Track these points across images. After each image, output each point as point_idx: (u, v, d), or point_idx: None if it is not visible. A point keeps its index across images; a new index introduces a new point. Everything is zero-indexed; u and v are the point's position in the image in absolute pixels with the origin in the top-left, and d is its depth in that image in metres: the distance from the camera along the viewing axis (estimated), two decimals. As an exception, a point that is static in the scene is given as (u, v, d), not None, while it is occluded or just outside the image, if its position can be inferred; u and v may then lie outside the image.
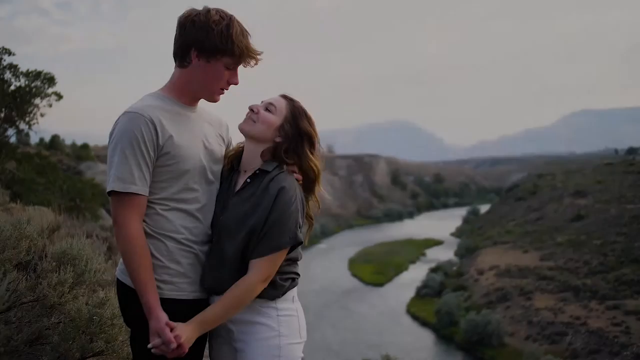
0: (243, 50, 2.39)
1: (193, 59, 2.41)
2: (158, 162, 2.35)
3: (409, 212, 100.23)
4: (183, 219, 2.41)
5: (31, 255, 3.79)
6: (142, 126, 2.29)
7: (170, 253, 2.38)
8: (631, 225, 41.15)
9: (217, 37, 2.35)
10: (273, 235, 2.32)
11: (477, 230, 61.86)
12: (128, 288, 2.38)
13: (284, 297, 2.47)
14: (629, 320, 27.22)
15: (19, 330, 3.28)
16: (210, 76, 2.42)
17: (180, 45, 2.43)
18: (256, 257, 2.33)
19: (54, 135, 44.89)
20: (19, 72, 15.38)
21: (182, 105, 2.49)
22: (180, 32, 2.42)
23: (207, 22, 2.36)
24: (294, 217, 2.36)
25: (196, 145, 2.46)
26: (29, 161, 17.18)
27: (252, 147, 2.50)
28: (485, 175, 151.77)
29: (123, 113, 2.34)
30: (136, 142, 2.28)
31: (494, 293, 34.92)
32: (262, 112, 2.47)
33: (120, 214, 2.28)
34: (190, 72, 2.44)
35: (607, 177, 61.32)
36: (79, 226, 7.54)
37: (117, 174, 2.27)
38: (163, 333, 2.19)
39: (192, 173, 2.42)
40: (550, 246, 42.50)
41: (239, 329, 2.45)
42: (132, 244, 2.26)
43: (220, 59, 2.39)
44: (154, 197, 2.36)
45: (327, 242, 69.19)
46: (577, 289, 32.38)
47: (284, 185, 2.36)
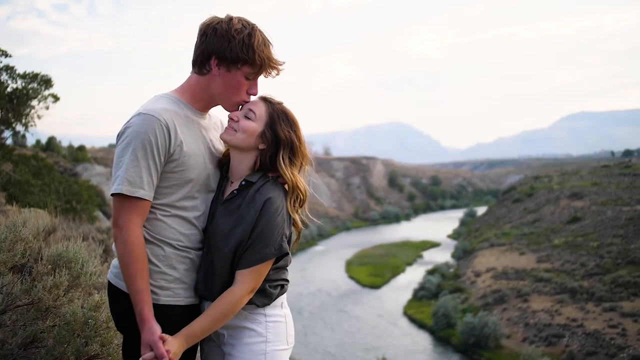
0: (264, 60, 2.37)
1: (213, 68, 2.38)
2: (166, 167, 2.32)
3: (405, 214, 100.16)
4: (181, 225, 2.39)
5: (26, 258, 3.77)
6: (157, 129, 2.25)
7: (167, 259, 2.36)
8: (627, 227, 41.18)
9: (239, 46, 2.32)
10: (258, 246, 2.32)
11: (473, 232, 61.81)
12: (121, 292, 2.36)
13: (273, 303, 2.47)
14: (626, 322, 27.23)
15: (13, 334, 3.27)
16: (230, 85, 2.39)
17: (200, 53, 2.39)
18: (241, 268, 2.33)
19: (50, 137, 44.80)
20: (15, 74, 15.34)
21: (195, 111, 2.46)
22: (202, 39, 2.39)
23: (229, 30, 2.33)
24: (279, 228, 2.34)
25: (203, 154, 2.44)
26: (25, 163, 17.13)
27: (237, 156, 2.47)
28: (482, 177, 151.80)
29: (137, 113, 2.30)
30: (149, 145, 2.24)
31: (491, 295, 34.90)
32: (242, 120, 2.43)
33: (123, 216, 2.24)
34: (208, 80, 2.41)
35: (603, 179, 61.46)
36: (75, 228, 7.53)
37: (126, 175, 2.23)
38: (156, 346, 2.17)
39: (196, 181, 2.41)
40: (546, 248, 42.52)
41: (229, 333, 2.46)
42: (132, 250, 2.23)
43: (240, 68, 2.36)
44: (156, 203, 2.34)
45: (324, 243, 69.10)
46: (573, 291, 32.38)
47: (270, 196, 2.35)
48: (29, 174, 16.29)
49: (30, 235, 3.86)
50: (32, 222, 4.39)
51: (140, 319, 2.23)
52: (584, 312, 29.49)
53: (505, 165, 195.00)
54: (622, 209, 46.35)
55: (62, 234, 5.37)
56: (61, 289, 3.44)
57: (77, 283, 3.62)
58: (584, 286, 32.73)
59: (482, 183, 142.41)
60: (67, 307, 3.38)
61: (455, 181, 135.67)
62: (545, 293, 33.32)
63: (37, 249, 3.99)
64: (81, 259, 3.73)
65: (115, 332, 3.28)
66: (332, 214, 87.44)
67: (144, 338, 2.20)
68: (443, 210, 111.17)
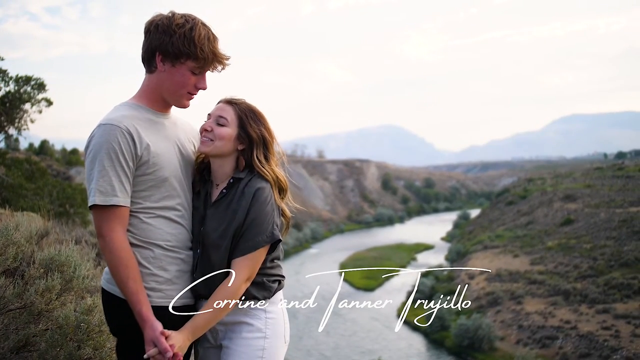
0: (208, 54, 2.37)
1: (158, 64, 2.39)
2: (138, 171, 2.34)
3: (399, 216, 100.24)
4: (167, 225, 2.41)
5: (19, 261, 3.76)
6: (119, 137, 2.27)
7: (157, 260, 2.38)
8: (621, 229, 41.33)
9: (180, 40, 2.33)
10: (251, 234, 2.37)
11: (467, 235, 61.94)
12: (114, 297, 2.38)
13: (272, 300, 2.52)
14: (619, 324, 27.31)
15: (5, 338, 3.25)
16: (176, 80, 2.40)
17: (145, 50, 2.41)
18: (236, 257, 2.38)
19: (43, 140, 44.61)
20: (8, 78, 15.28)
21: (155, 112, 2.48)
22: (146, 37, 2.41)
23: (170, 25, 2.34)
24: (270, 216, 2.41)
25: (173, 152, 2.46)
26: (18, 166, 17.05)
27: (219, 162, 2.51)
28: (476, 180, 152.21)
29: (98, 125, 2.32)
30: (114, 154, 2.26)
31: (485, 297, 34.97)
32: (216, 128, 2.46)
33: (104, 226, 2.26)
34: (157, 77, 2.43)
35: (596, 182, 61.72)
36: (68, 232, 7.51)
37: (97, 187, 2.24)
38: (159, 342, 2.20)
39: (172, 179, 2.43)
40: (540, 250, 42.61)
41: (228, 328, 2.50)
42: (119, 256, 2.25)
43: (184, 62, 2.37)
44: (138, 207, 2.36)
45: (317, 246, 69.09)
46: (567, 293, 32.47)
47: (260, 186, 2.41)
48: (22, 177, 16.21)
49: (23, 239, 3.86)
50: (25, 226, 4.38)
51: (140, 318, 2.25)
52: (578, 314, 29.56)
53: (499, 168, 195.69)
54: (615, 211, 46.52)
55: (54, 237, 5.35)
56: (53, 292, 3.43)
57: (70, 287, 3.61)
58: (577, 288, 32.82)
59: (476, 185, 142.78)
60: (59, 311, 3.37)
61: (449, 184, 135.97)
62: (539, 295, 33.39)
63: (30, 252, 3.98)
64: (73, 262, 3.72)
65: (108, 335, 3.27)
66: (326, 217, 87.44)
67: (147, 335, 2.23)
68: (436, 212, 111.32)
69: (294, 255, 61.16)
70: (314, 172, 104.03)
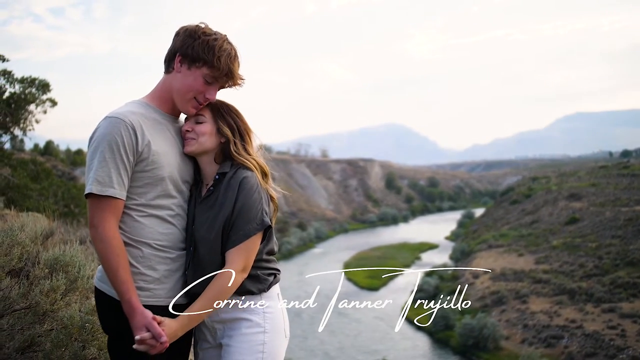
0: (223, 67, 2.43)
1: (176, 64, 2.46)
2: (137, 167, 2.37)
3: (403, 216, 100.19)
4: (159, 225, 2.43)
5: (24, 262, 3.77)
6: (123, 130, 2.31)
7: (146, 260, 2.40)
8: (626, 228, 41.22)
9: (201, 45, 2.41)
10: (241, 224, 2.40)
11: (471, 234, 61.85)
12: (105, 296, 2.41)
13: (269, 294, 2.54)
14: (625, 323, 27.27)
15: (10, 338, 3.26)
16: (187, 82, 2.45)
17: (169, 51, 2.50)
18: (229, 248, 2.40)
19: (48, 141, 44.79)
20: (13, 79, 15.31)
21: (163, 114, 2.53)
22: (173, 39, 2.49)
23: (196, 31, 2.43)
24: (258, 204, 2.43)
25: (173, 154, 2.49)
26: (23, 167, 17.09)
27: (206, 160, 2.57)
28: (480, 179, 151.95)
29: (104, 117, 2.37)
30: (116, 146, 2.30)
31: (490, 296, 34.93)
32: (196, 127, 2.52)
33: (97, 216, 2.29)
34: (172, 77, 2.49)
35: (601, 180, 61.51)
36: (73, 232, 7.50)
37: (95, 176, 2.28)
38: (152, 326, 2.21)
39: (169, 180, 2.45)
40: (545, 249, 42.55)
41: (227, 326, 2.51)
42: (109, 244, 2.26)
43: (200, 67, 2.43)
44: (132, 203, 2.39)
45: (322, 246, 69.14)
46: (572, 292, 32.42)
47: (245, 175, 2.45)
48: (27, 178, 16.25)
49: (28, 239, 3.86)
50: (30, 226, 4.39)
51: (130, 307, 2.26)
52: (583, 313, 29.52)
53: (503, 167, 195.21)
54: (620, 209, 46.39)
55: (59, 237, 5.35)
56: (58, 292, 3.43)
57: (75, 287, 3.62)
58: (582, 287, 32.77)
59: (480, 184, 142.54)
60: (64, 311, 3.37)
61: (453, 183, 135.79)
62: (544, 294, 33.35)
63: (35, 252, 3.99)
64: (78, 262, 3.73)
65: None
66: (330, 216, 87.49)
67: (139, 322, 2.23)
68: (441, 212, 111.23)
69: (298, 255, 61.22)
70: (317, 171, 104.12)
